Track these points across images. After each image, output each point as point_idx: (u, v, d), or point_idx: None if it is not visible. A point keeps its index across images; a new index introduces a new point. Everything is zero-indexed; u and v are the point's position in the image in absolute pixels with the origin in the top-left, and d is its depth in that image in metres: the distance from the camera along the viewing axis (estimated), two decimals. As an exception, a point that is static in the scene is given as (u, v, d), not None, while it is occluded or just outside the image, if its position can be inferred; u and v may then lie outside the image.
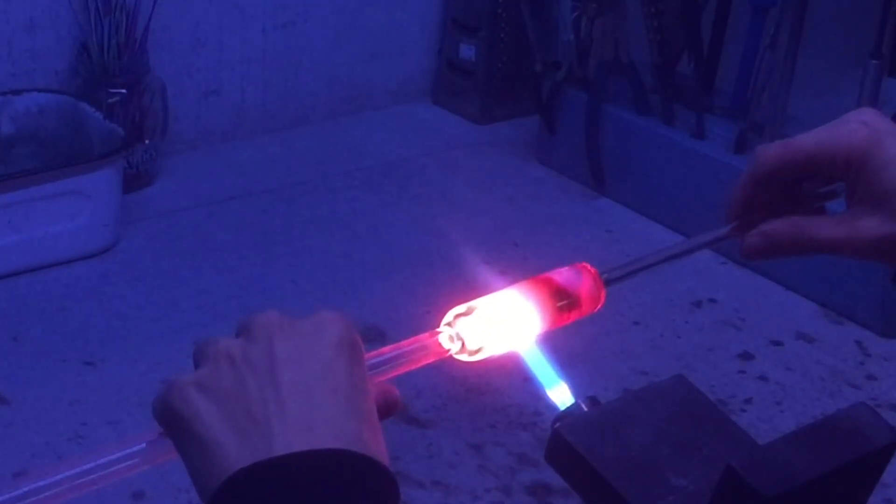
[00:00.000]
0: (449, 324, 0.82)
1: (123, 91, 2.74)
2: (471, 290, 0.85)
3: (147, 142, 2.81)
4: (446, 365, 2.26)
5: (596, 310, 0.86)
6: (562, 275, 0.86)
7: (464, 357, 0.82)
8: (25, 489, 0.70)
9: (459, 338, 0.81)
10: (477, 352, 0.82)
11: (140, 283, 2.53)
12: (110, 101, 2.73)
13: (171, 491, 2.02)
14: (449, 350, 0.81)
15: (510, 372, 0.88)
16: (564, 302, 0.84)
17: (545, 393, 0.84)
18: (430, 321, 0.83)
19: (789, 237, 0.88)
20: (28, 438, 2.12)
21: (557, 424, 0.82)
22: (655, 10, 2.80)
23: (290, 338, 0.73)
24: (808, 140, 0.87)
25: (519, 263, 2.61)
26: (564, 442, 0.80)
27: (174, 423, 0.72)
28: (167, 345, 2.32)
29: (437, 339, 0.81)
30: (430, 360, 0.81)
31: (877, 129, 0.86)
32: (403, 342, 0.81)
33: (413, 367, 0.81)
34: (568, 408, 0.83)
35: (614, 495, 0.78)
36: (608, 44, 2.86)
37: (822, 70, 2.87)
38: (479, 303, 0.82)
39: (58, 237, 2.53)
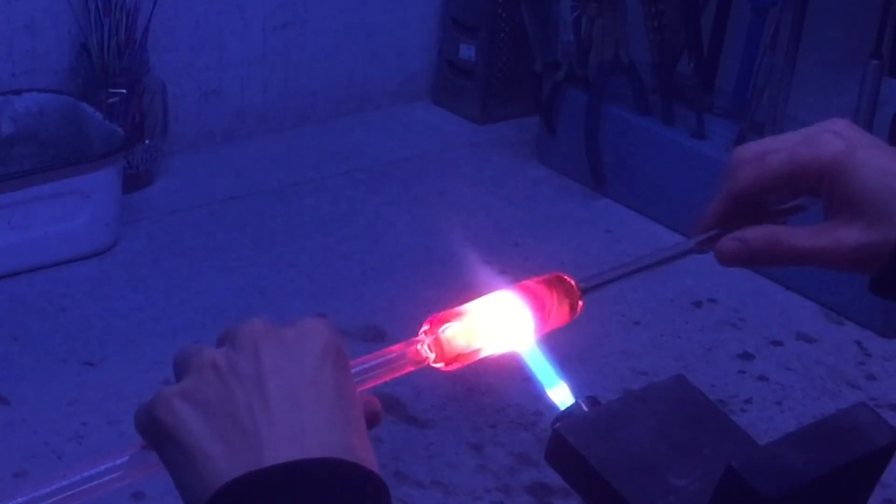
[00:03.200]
0: (426, 332, 0.81)
1: (123, 91, 2.74)
2: (471, 290, 0.85)
3: (147, 142, 2.81)
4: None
5: (573, 319, 0.86)
6: (538, 284, 0.85)
7: (440, 366, 0.82)
8: None
9: (436, 347, 0.81)
10: (453, 361, 0.82)
11: (140, 283, 2.53)
12: (110, 101, 2.72)
13: (172, 491, 2.02)
14: (428, 359, 0.81)
15: (510, 372, 0.88)
16: (541, 311, 0.84)
17: (545, 393, 0.84)
18: (430, 321, 0.83)
19: (767, 245, 0.88)
20: (28, 438, 2.12)
21: (557, 424, 0.82)
22: (655, 10, 2.80)
23: (276, 346, 0.72)
24: (782, 155, 0.87)
25: (519, 263, 2.61)
26: (564, 442, 0.80)
27: (160, 435, 0.71)
28: (167, 345, 2.31)
29: (417, 349, 0.81)
30: (411, 368, 0.81)
31: (849, 138, 0.86)
32: (384, 350, 0.80)
33: (395, 375, 0.80)
34: (568, 408, 0.83)
35: (614, 495, 0.78)
36: (608, 44, 2.86)
37: (822, 70, 2.87)
38: (455, 312, 0.82)
39: (58, 237, 2.53)
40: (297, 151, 3.07)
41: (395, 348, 0.81)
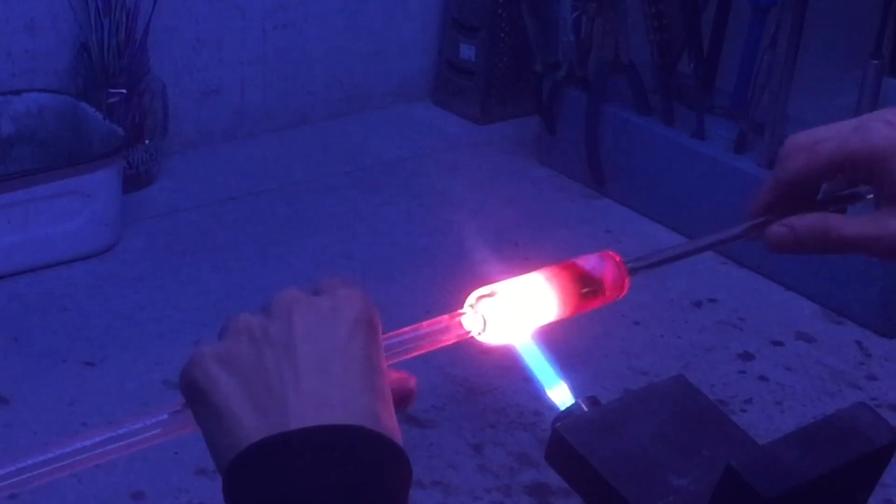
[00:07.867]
0: (472, 306, 0.82)
1: (123, 91, 2.74)
2: (471, 290, 0.85)
3: (147, 142, 2.81)
4: (446, 365, 2.27)
5: (620, 297, 0.87)
6: (587, 261, 0.87)
7: (485, 339, 0.82)
8: (46, 457, 0.72)
9: (482, 320, 0.82)
10: (499, 334, 0.82)
11: (140, 283, 2.53)
12: (110, 101, 2.73)
13: (172, 491, 2.02)
14: (470, 332, 0.82)
15: (510, 372, 0.88)
16: (589, 288, 0.85)
17: (545, 393, 0.84)
18: (431, 321, 0.83)
19: (814, 232, 0.87)
20: (28, 438, 2.12)
21: (557, 424, 0.82)
22: (655, 10, 2.80)
23: (310, 315, 0.74)
24: (833, 144, 0.86)
25: (519, 263, 2.60)
26: (564, 442, 0.80)
27: (194, 395, 0.73)
28: (167, 345, 2.32)
29: (460, 321, 0.81)
30: (450, 341, 0.81)
31: None
32: (424, 323, 0.81)
33: (432, 348, 0.81)
34: (568, 408, 0.83)
35: (614, 495, 0.78)
36: (608, 44, 2.86)
37: (822, 70, 2.87)
38: (503, 286, 0.83)
39: (58, 237, 2.53)
40: (297, 151, 3.07)
41: (439, 320, 0.81)
